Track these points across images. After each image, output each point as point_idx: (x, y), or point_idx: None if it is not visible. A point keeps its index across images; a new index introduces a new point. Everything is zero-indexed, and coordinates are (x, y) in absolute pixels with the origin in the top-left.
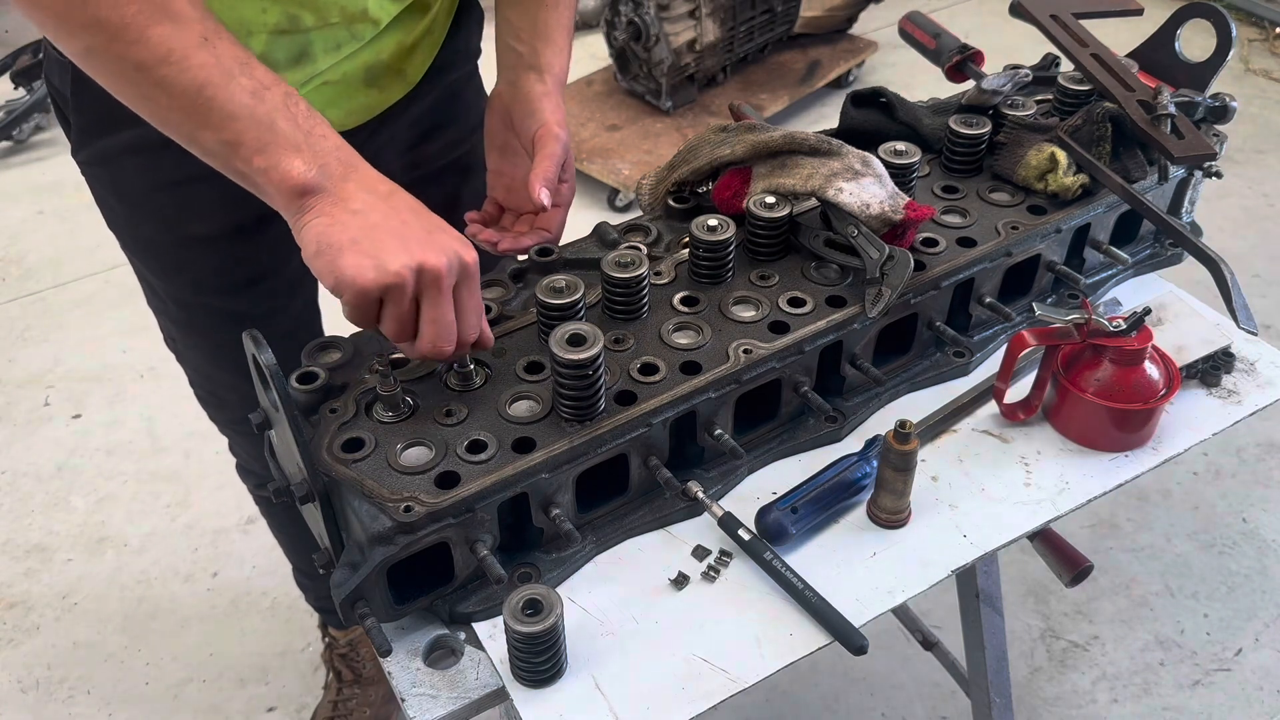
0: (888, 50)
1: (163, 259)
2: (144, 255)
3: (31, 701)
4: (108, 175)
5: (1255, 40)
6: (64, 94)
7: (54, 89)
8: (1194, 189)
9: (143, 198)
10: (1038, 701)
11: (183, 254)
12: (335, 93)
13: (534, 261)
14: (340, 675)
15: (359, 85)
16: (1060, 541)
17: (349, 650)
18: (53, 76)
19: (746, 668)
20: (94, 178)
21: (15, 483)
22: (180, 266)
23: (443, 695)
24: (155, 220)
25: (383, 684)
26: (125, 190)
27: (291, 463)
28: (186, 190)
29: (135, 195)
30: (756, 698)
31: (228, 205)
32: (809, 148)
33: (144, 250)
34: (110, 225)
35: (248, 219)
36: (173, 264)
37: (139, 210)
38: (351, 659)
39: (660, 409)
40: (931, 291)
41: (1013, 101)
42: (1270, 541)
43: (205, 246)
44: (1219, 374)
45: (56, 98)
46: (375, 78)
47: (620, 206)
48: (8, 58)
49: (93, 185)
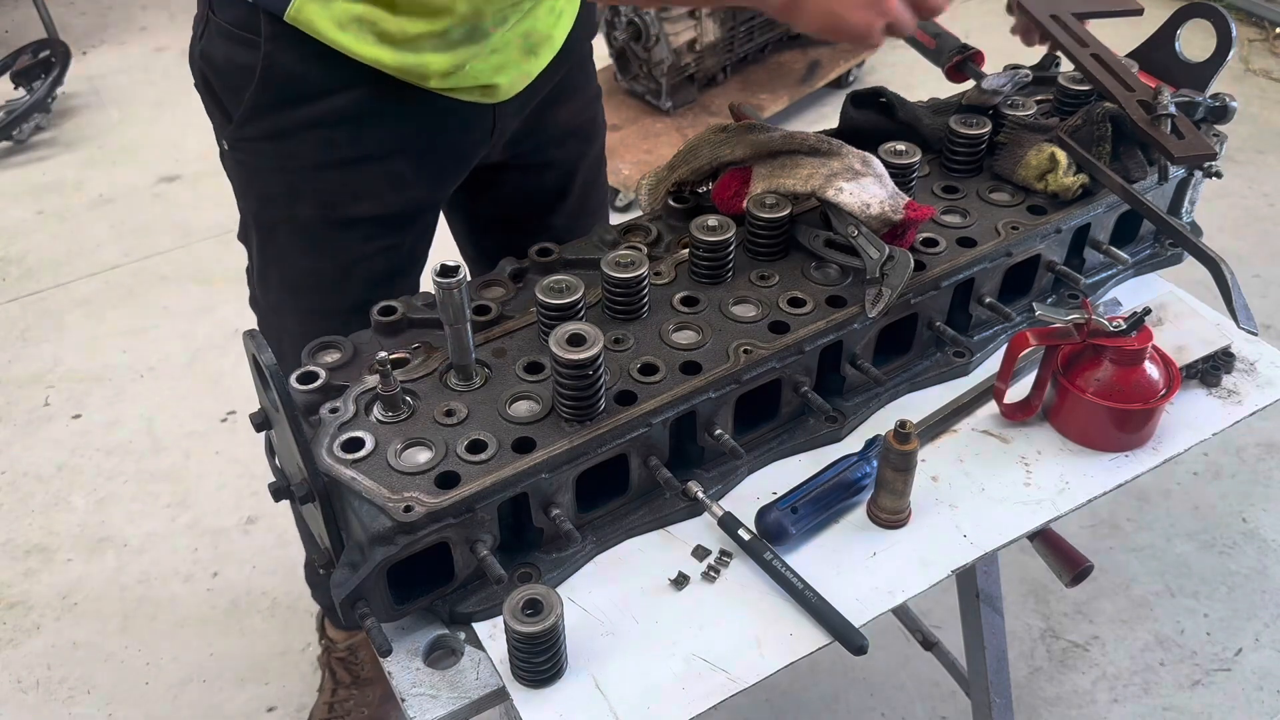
0: (888, 50)
1: (315, 238)
2: (292, 235)
3: (31, 701)
4: (276, 150)
5: (1255, 40)
6: (236, 68)
7: (213, 67)
8: (1194, 189)
9: (311, 175)
10: (1038, 701)
11: (337, 236)
12: (501, 61)
13: (534, 261)
14: (336, 676)
15: (519, 53)
16: (1060, 541)
17: (348, 654)
18: (218, 53)
19: (746, 668)
20: (256, 153)
21: (15, 483)
22: (334, 250)
23: (443, 695)
24: (317, 200)
25: (380, 684)
26: (293, 167)
27: (291, 463)
28: (355, 170)
29: (304, 172)
30: (756, 698)
31: (393, 187)
32: (809, 148)
33: (295, 231)
34: (255, 208)
35: (406, 206)
36: (326, 246)
37: (302, 188)
38: (350, 662)
39: (660, 409)
40: (931, 291)
41: (1013, 101)
42: (1270, 541)
43: (361, 229)
44: (1219, 374)
45: (215, 76)
46: (532, 45)
47: (620, 206)
48: (8, 58)
49: (247, 164)
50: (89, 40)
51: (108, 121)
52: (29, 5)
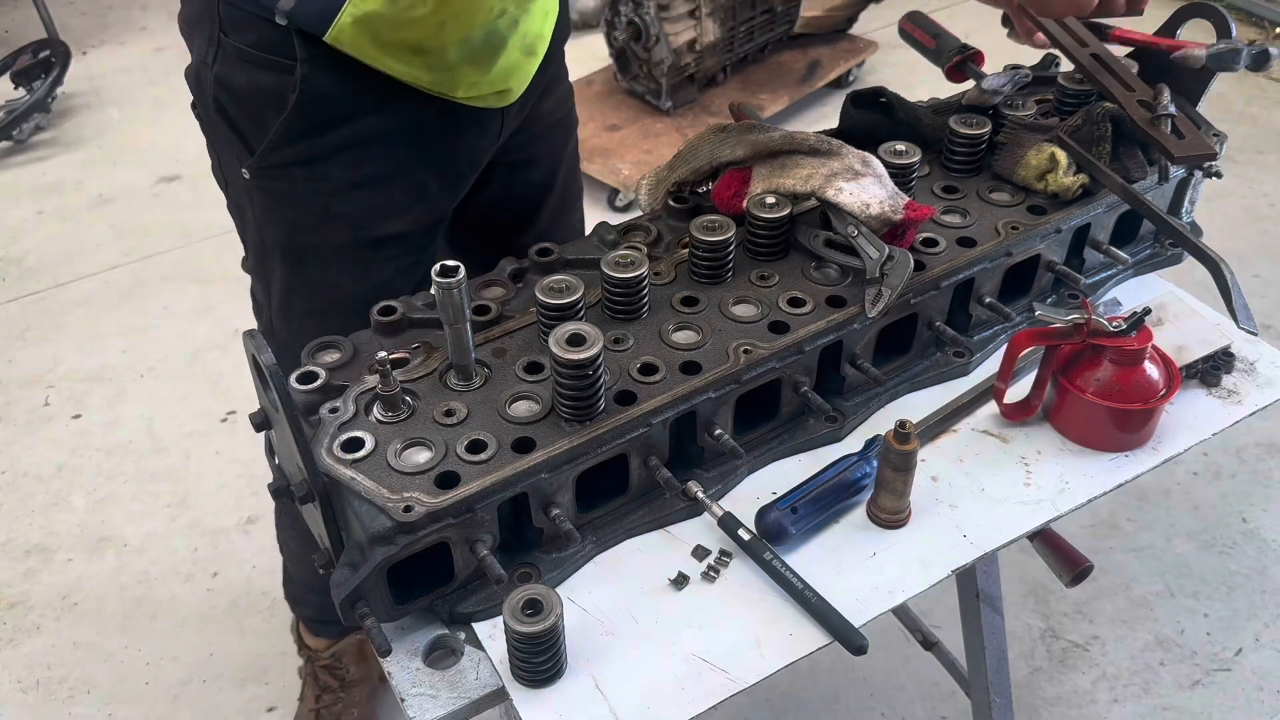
0: (888, 50)
1: (348, 261)
2: (325, 260)
3: (31, 701)
4: (308, 174)
5: (1255, 40)
6: (263, 94)
7: (231, 93)
8: (1194, 189)
9: (344, 197)
10: (1038, 701)
11: (369, 256)
12: (511, 64)
13: (534, 261)
14: (320, 682)
15: (521, 55)
16: (1060, 541)
17: (332, 660)
18: (237, 79)
19: (746, 668)
20: (288, 179)
21: (15, 483)
22: (365, 271)
23: (443, 695)
24: (349, 221)
25: (366, 683)
26: (326, 190)
27: (291, 463)
28: (388, 186)
29: (337, 194)
30: (756, 698)
31: (420, 200)
32: (809, 148)
33: (328, 255)
34: (285, 236)
35: (431, 218)
36: (357, 268)
37: (336, 210)
38: (334, 668)
39: (660, 409)
40: (931, 291)
41: (1013, 101)
42: (1270, 541)
43: (390, 248)
44: (1219, 374)
45: (234, 103)
46: (529, 45)
47: (620, 206)
48: (8, 58)
49: (273, 191)
50: (89, 40)
51: (108, 121)
52: (29, 5)
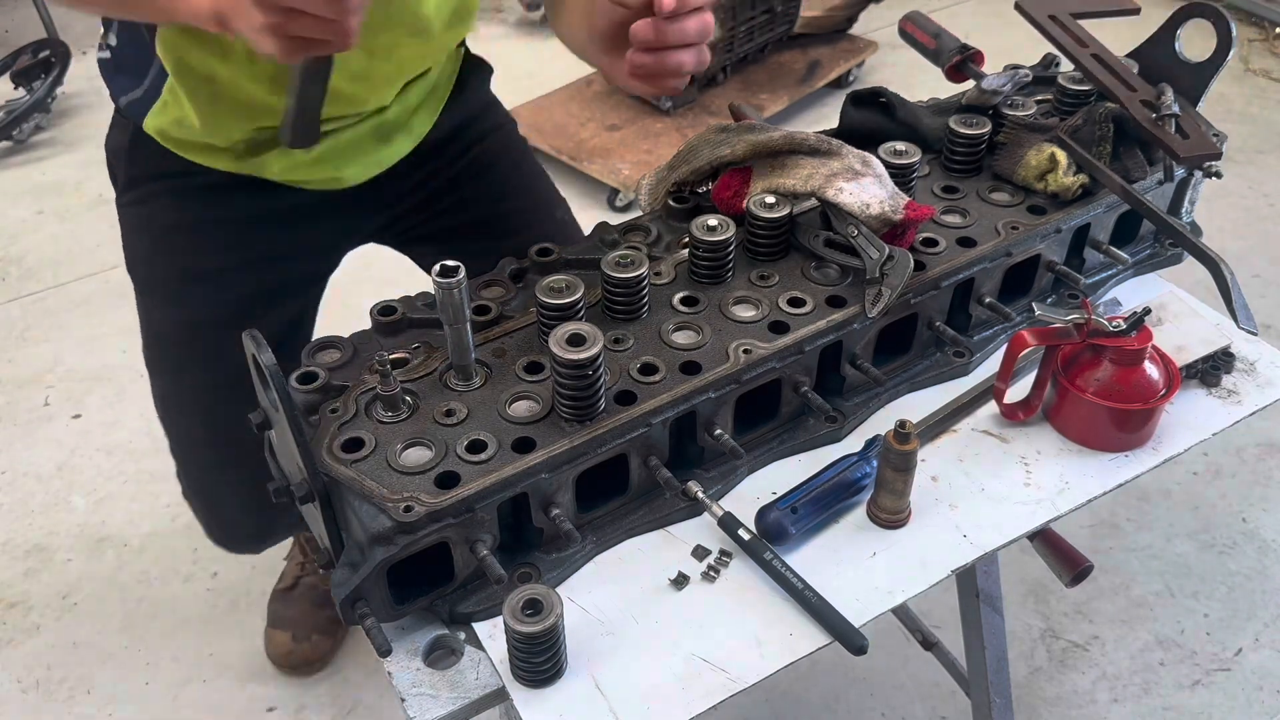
0: (888, 50)
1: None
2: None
3: (31, 701)
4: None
5: (1255, 40)
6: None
7: (108, 148)
8: (1194, 189)
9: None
10: (1038, 701)
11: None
12: (349, 150)
13: (534, 261)
14: (306, 553)
15: (372, 142)
16: (1060, 541)
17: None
18: (111, 137)
19: (746, 668)
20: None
21: (15, 483)
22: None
23: (443, 695)
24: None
25: None
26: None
27: (291, 463)
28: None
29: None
30: (756, 698)
31: (265, 257)
32: (809, 148)
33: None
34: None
35: (284, 277)
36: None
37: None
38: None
39: (660, 409)
40: (931, 291)
41: (1013, 101)
42: (1270, 541)
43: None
44: (1219, 374)
45: (109, 155)
46: (385, 134)
47: (620, 206)
48: (8, 58)
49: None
50: (89, 40)
51: (108, 121)
52: (29, 5)
